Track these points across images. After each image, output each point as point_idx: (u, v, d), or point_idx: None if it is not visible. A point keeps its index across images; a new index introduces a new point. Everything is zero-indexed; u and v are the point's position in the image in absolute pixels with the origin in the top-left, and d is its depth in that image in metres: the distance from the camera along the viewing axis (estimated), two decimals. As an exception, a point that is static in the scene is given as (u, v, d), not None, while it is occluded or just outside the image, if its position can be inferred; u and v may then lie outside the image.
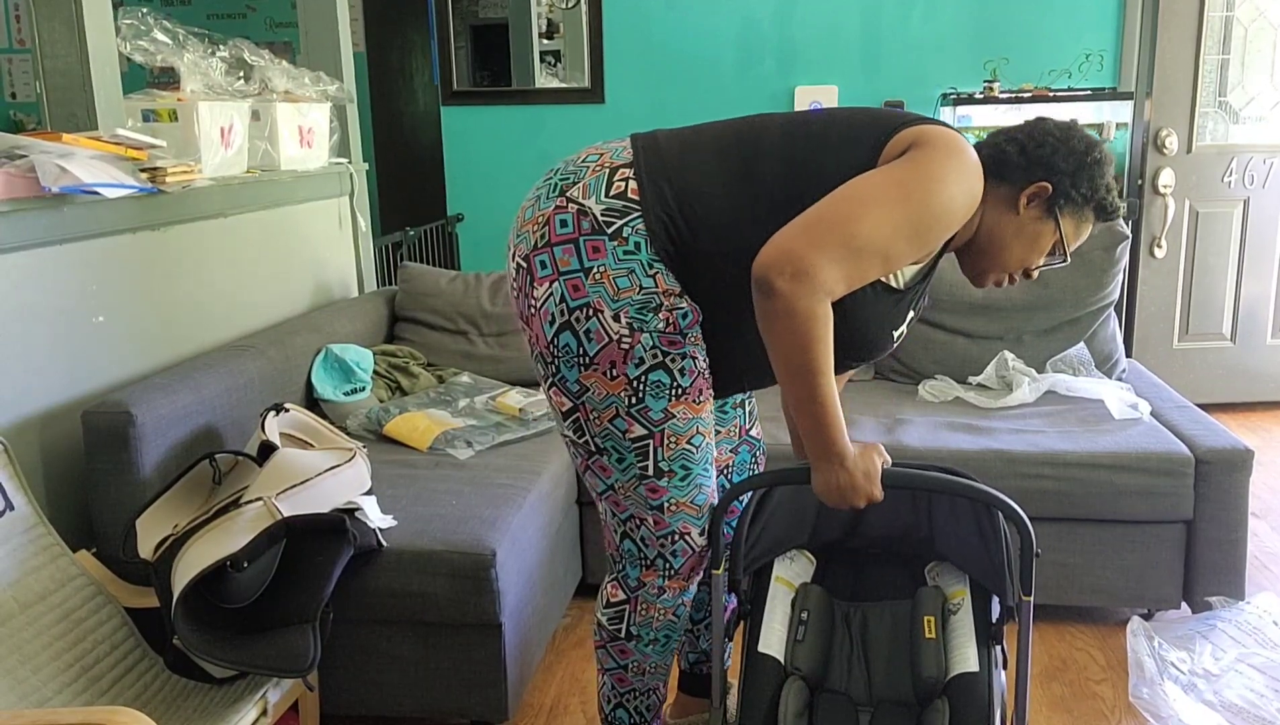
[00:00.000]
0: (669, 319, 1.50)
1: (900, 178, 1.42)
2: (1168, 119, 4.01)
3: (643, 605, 1.67)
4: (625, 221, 1.48)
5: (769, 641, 1.64)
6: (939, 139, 1.46)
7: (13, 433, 1.92)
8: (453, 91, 4.65)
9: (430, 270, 3.17)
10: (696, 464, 1.58)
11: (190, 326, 2.46)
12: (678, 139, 1.57)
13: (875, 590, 1.76)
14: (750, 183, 1.49)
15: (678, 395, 1.53)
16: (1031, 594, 1.51)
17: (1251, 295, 4.14)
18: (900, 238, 1.40)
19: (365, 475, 2.09)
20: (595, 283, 1.48)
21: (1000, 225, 1.57)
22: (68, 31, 2.20)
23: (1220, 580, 2.42)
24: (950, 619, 1.64)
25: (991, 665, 1.56)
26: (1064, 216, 1.57)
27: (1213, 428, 2.52)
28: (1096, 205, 1.59)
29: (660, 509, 1.59)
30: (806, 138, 1.52)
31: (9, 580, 1.72)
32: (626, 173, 1.51)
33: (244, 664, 1.75)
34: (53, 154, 1.95)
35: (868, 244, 1.38)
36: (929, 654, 1.58)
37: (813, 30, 4.40)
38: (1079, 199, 1.57)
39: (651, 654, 1.71)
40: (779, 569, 1.74)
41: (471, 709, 2.06)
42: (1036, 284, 2.94)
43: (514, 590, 2.04)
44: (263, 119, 2.75)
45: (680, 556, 1.63)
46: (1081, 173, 1.56)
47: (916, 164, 1.43)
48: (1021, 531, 1.49)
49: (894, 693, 1.62)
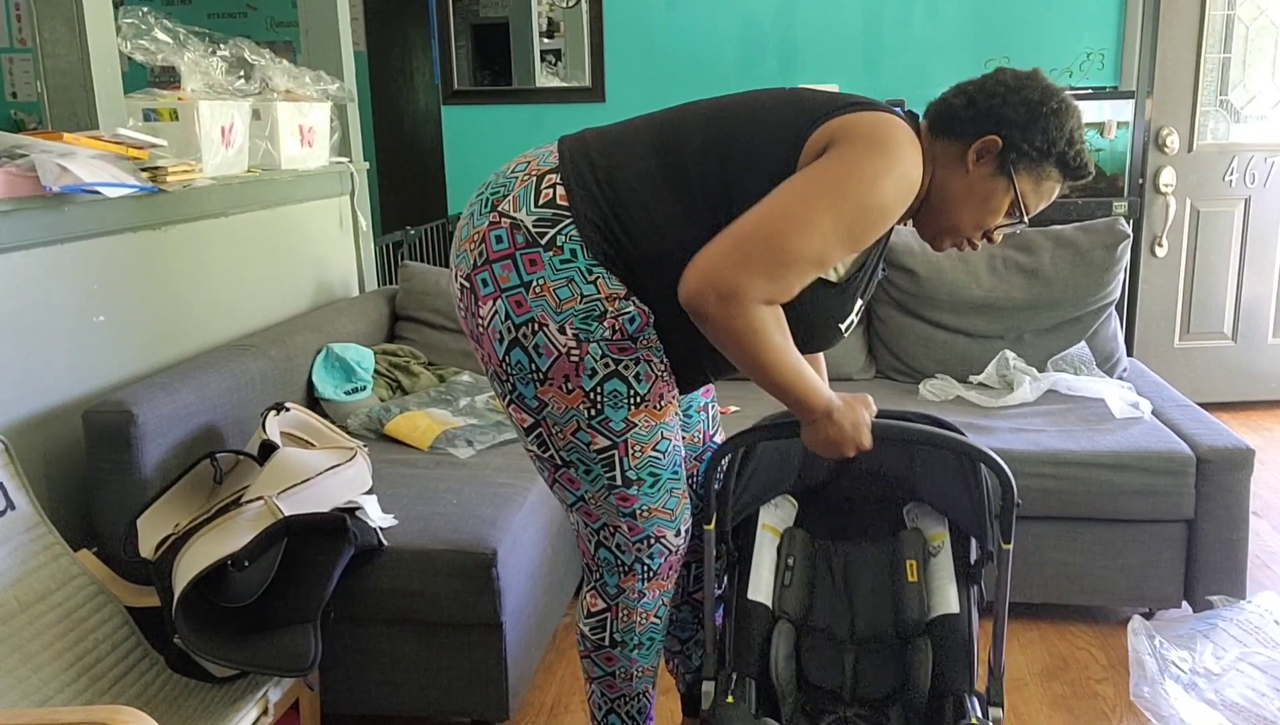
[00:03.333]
0: (615, 326, 1.46)
1: (827, 182, 1.37)
2: (1169, 118, 4.01)
3: (624, 611, 1.66)
4: (557, 230, 1.45)
5: (758, 588, 1.68)
6: (864, 132, 1.40)
7: (14, 432, 1.92)
8: (453, 91, 4.65)
9: (431, 269, 3.17)
10: (665, 469, 1.56)
11: (191, 326, 2.46)
12: (604, 137, 1.53)
13: (855, 530, 1.79)
14: (680, 180, 1.46)
15: (636, 403, 1.50)
16: (1011, 542, 1.57)
17: (1252, 294, 4.14)
18: (831, 244, 1.37)
19: (366, 474, 2.09)
20: (536, 297, 1.45)
21: (950, 185, 1.49)
22: (69, 31, 2.20)
23: (1221, 579, 2.42)
24: (930, 561, 1.69)
25: (970, 606, 1.63)
26: (1019, 173, 1.47)
27: (1214, 427, 2.52)
28: (1058, 160, 1.47)
29: (633, 516, 1.57)
30: (730, 130, 1.47)
31: (10, 579, 1.72)
32: (553, 179, 1.48)
33: (245, 663, 1.75)
34: (54, 153, 1.95)
35: (798, 256, 1.36)
36: (911, 595, 1.65)
37: (814, 29, 4.40)
38: (1034, 153, 1.45)
39: (638, 658, 1.70)
40: (764, 516, 1.77)
41: (472, 708, 2.06)
42: (1038, 283, 2.93)
43: (515, 589, 2.04)
44: (263, 118, 2.75)
45: (657, 558, 1.62)
46: (1035, 124, 1.44)
47: (843, 164, 1.38)
48: (1004, 482, 1.54)
49: (876, 630, 1.68)
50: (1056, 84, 1.50)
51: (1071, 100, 1.49)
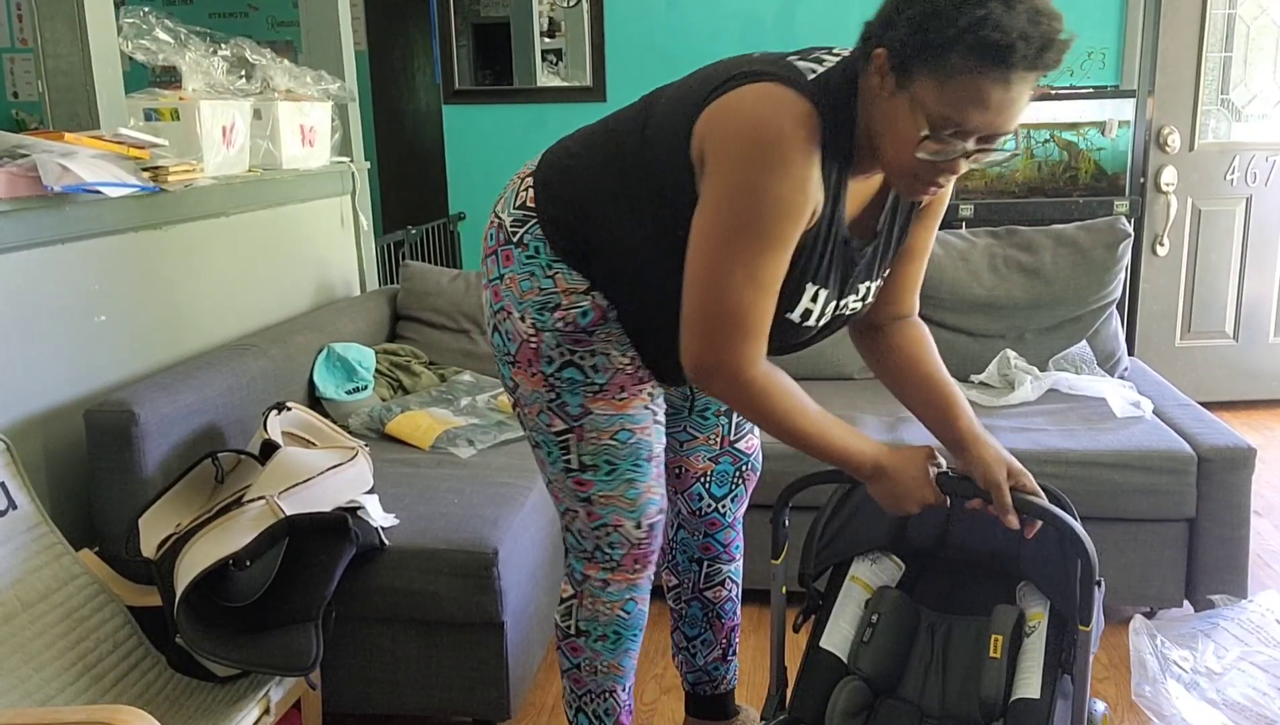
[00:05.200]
0: (566, 317, 1.51)
1: (715, 231, 1.33)
2: (1170, 117, 4.01)
3: (589, 599, 1.67)
4: (525, 229, 1.53)
5: (832, 638, 1.62)
6: (730, 138, 1.31)
7: (15, 432, 1.92)
8: (454, 90, 4.65)
9: (432, 269, 3.17)
10: (623, 460, 1.57)
11: (192, 325, 2.46)
12: (582, 134, 1.56)
13: (966, 604, 1.69)
14: (619, 172, 1.47)
15: (593, 392, 1.54)
16: (1090, 625, 1.42)
17: (1254, 293, 4.14)
18: (759, 272, 1.33)
19: (367, 474, 2.09)
20: (506, 288, 1.55)
21: (871, 122, 1.32)
22: (70, 31, 2.20)
23: (1223, 578, 2.42)
24: (1024, 641, 1.57)
25: (1056, 694, 1.48)
26: (918, 79, 1.23)
27: (1215, 426, 2.52)
28: (966, 47, 1.19)
29: (589, 502, 1.60)
30: (654, 114, 1.45)
31: (12, 579, 1.72)
32: (529, 181, 1.56)
33: (246, 662, 1.75)
34: (55, 153, 1.95)
35: (744, 308, 1.35)
36: (990, 673, 1.53)
37: (815, 28, 4.39)
38: (928, 50, 1.21)
39: (601, 651, 1.69)
40: (857, 568, 1.70)
41: (473, 707, 2.06)
42: (1039, 282, 2.93)
43: (516, 589, 2.04)
44: (264, 118, 2.75)
45: (618, 548, 1.62)
46: (923, 18, 1.21)
47: (720, 197, 1.32)
48: (1080, 556, 1.41)
49: (963, 709, 1.59)
50: None
51: None
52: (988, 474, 1.46)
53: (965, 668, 1.61)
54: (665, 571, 1.97)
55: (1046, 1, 1.25)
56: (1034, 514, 1.46)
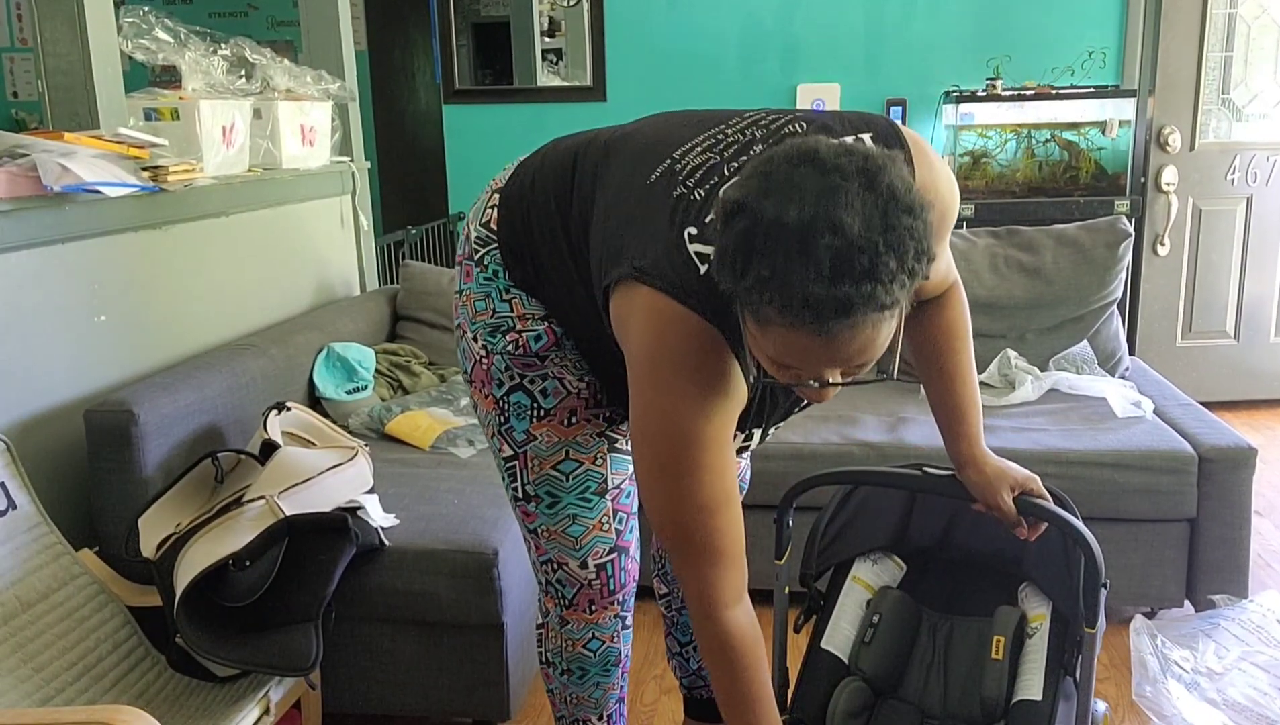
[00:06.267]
0: (517, 341, 1.45)
1: (658, 467, 1.24)
2: (1171, 116, 4.01)
3: (552, 633, 1.61)
4: (486, 251, 1.48)
5: (833, 639, 1.62)
6: (636, 368, 1.22)
7: (15, 431, 1.92)
8: (454, 90, 4.65)
9: (432, 269, 3.17)
10: (567, 493, 1.48)
11: (192, 325, 2.46)
12: (552, 162, 1.46)
13: (967, 604, 1.69)
14: (567, 234, 1.39)
15: (539, 417, 1.46)
16: (1095, 626, 1.41)
17: (1254, 293, 4.14)
18: (706, 488, 1.23)
19: (367, 474, 2.09)
20: (463, 304, 1.52)
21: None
22: (69, 30, 2.20)
23: (1223, 578, 2.41)
24: (1026, 642, 1.57)
25: (1058, 696, 1.48)
26: (744, 317, 1.11)
27: (1216, 426, 2.52)
28: (758, 305, 1.04)
29: (535, 534, 1.54)
30: (586, 220, 1.35)
31: (11, 579, 1.72)
32: (495, 200, 1.49)
33: (246, 662, 1.75)
34: (55, 153, 1.95)
35: (708, 530, 1.25)
36: (992, 674, 1.53)
37: (815, 28, 4.39)
38: (733, 296, 1.09)
39: (570, 685, 1.62)
40: (858, 569, 1.69)
41: (473, 708, 2.06)
42: (1040, 282, 2.93)
43: (516, 590, 2.03)
44: (264, 118, 2.75)
45: (567, 586, 1.54)
46: (718, 260, 1.07)
47: (648, 421, 1.22)
48: (1086, 557, 1.40)
49: (964, 710, 1.58)
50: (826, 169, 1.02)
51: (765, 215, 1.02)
52: (985, 497, 1.49)
53: (967, 669, 1.61)
54: (655, 579, 1.98)
55: (876, 215, 1.00)
56: (1041, 517, 1.47)
